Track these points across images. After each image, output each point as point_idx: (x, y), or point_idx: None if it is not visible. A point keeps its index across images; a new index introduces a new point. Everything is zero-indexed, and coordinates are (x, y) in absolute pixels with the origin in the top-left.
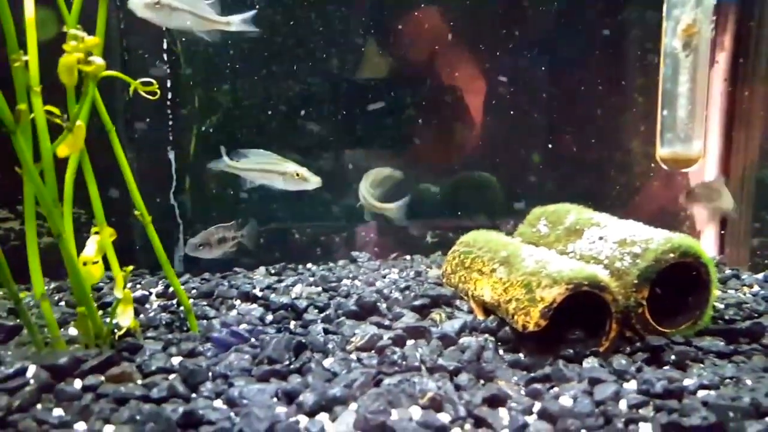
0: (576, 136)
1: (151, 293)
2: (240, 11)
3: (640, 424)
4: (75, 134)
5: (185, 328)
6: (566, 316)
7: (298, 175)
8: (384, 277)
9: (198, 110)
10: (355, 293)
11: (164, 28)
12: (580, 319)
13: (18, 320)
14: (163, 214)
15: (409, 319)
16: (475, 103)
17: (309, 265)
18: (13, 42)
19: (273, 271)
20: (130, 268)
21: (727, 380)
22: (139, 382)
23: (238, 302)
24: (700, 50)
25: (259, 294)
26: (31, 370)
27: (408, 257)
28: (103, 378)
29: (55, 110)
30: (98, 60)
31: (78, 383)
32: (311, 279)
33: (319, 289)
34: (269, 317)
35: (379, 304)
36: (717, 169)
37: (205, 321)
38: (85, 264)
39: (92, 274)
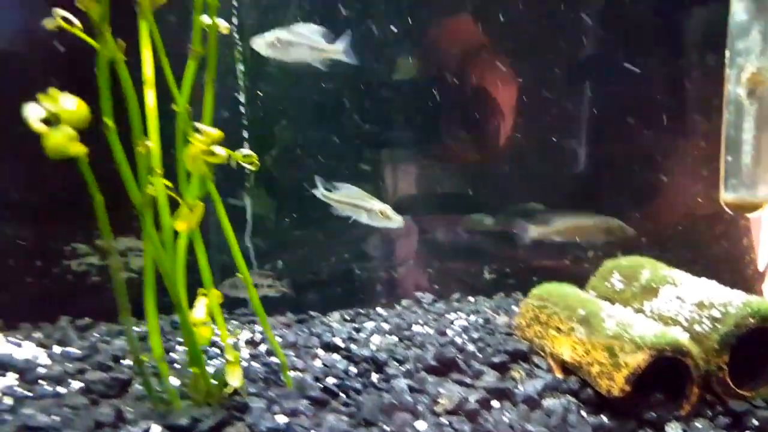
0: (634, 179)
1: (238, 339)
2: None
3: None
4: (195, 212)
5: (280, 383)
6: (647, 377)
7: (382, 213)
8: (452, 322)
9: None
10: (430, 343)
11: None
12: (661, 381)
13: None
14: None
15: (490, 377)
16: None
17: (379, 310)
18: (138, 130)
19: (348, 318)
20: (239, 332)
21: None
22: None
23: (320, 351)
24: (765, 98)
25: (341, 345)
26: (155, 429)
27: (471, 299)
28: None
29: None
30: (221, 151)
31: None
32: (386, 326)
33: (396, 339)
34: (353, 369)
35: (457, 359)
36: None
37: (292, 371)
38: (194, 326)
39: (202, 335)
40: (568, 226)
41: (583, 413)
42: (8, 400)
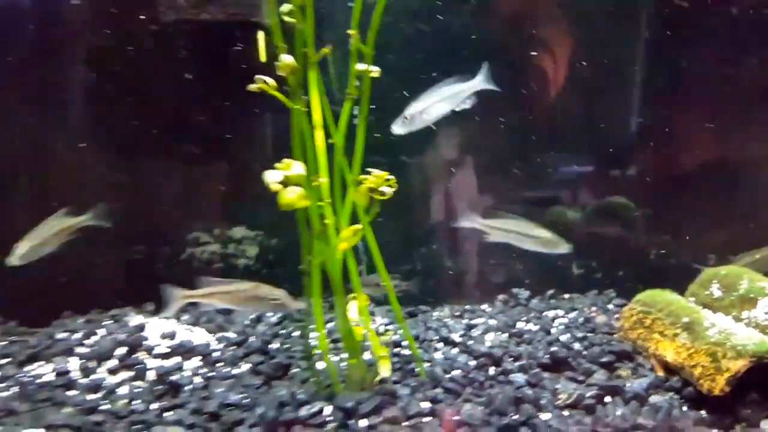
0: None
1: (389, 337)
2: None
3: None
4: (357, 236)
5: (415, 373)
6: (743, 379)
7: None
8: (553, 320)
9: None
10: (538, 341)
11: None
12: (754, 380)
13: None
14: None
15: (600, 375)
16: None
17: (484, 307)
18: (312, 168)
19: (457, 313)
20: (391, 332)
21: None
22: (404, 423)
23: (440, 345)
24: None
25: (458, 340)
26: (327, 409)
27: (566, 296)
28: (380, 419)
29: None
30: (388, 190)
31: (364, 422)
32: (493, 323)
33: (506, 336)
34: (472, 363)
35: (568, 357)
36: None
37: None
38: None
39: (357, 332)
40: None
41: (685, 408)
42: (198, 380)
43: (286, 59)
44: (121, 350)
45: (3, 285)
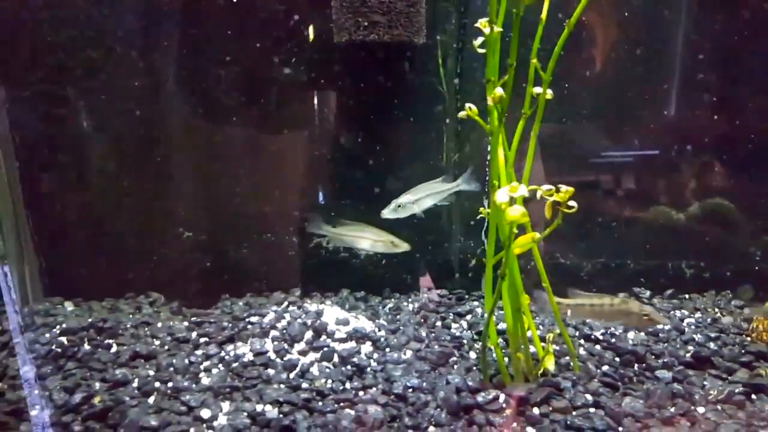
0: None
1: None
2: None
3: None
4: (534, 243)
5: (570, 367)
6: None
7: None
8: (683, 320)
9: None
10: (673, 340)
11: None
12: None
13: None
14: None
15: (742, 374)
16: None
17: None
18: (495, 180)
19: None
20: (555, 332)
21: None
22: (574, 413)
23: (582, 341)
24: None
25: (600, 337)
26: (501, 396)
27: (687, 296)
28: (550, 408)
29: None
30: (574, 204)
31: (536, 410)
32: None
33: (643, 334)
34: (617, 359)
35: (711, 357)
36: None
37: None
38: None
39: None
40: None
41: None
42: (375, 363)
43: (498, 91)
44: (309, 334)
45: (163, 268)
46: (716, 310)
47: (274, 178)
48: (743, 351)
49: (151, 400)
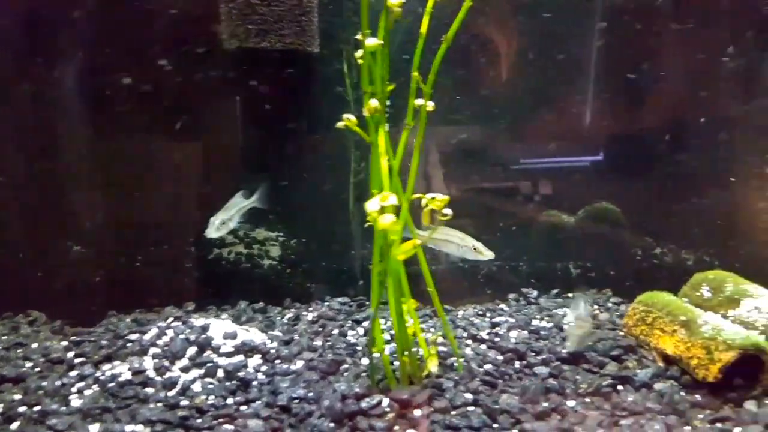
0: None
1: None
2: None
3: None
4: (416, 249)
5: (453, 367)
6: (731, 367)
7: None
8: (562, 317)
9: None
10: (553, 336)
11: None
12: (739, 369)
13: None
14: None
15: (612, 367)
16: None
17: (502, 306)
18: (378, 188)
19: (480, 312)
20: (439, 334)
21: None
22: (453, 412)
23: (470, 342)
24: None
25: (486, 337)
26: (385, 401)
27: (570, 295)
28: (432, 409)
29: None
30: (449, 212)
31: (417, 412)
32: (512, 320)
33: (527, 333)
34: (500, 358)
35: (585, 353)
36: None
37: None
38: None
39: (409, 334)
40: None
41: (683, 393)
42: (262, 376)
43: (373, 103)
44: (192, 350)
45: (47, 284)
46: (595, 307)
47: (170, 188)
48: (615, 345)
49: (14, 426)
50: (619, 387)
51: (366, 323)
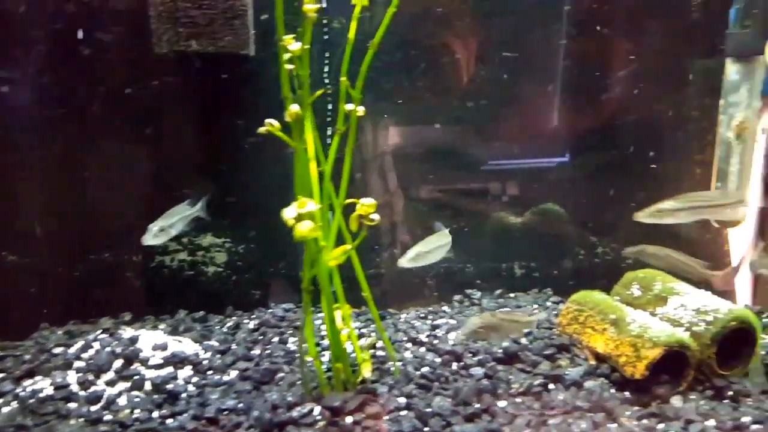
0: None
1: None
2: None
3: None
4: (346, 255)
5: (389, 372)
6: (658, 364)
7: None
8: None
9: None
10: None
11: None
12: (666, 364)
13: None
14: None
15: (545, 366)
16: None
17: (445, 308)
18: (306, 194)
19: (422, 315)
20: (375, 339)
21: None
22: (386, 417)
23: (409, 345)
24: (748, 141)
25: (425, 340)
26: (316, 409)
27: (512, 295)
28: (364, 415)
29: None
30: (376, 217)
31: (349, 419)
32: (453, 322)
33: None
34: (437, 360)
35: (519, 353)
36: (756, 225)
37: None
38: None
39: (342, 339)
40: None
41: (613, 391)
42: (192, 388)
43: (294, 108)
44: (119, 362)
45: None
46: (535, 306)
47: (110, 195)
48: (549, 344)
49: None
50: (551, 386)
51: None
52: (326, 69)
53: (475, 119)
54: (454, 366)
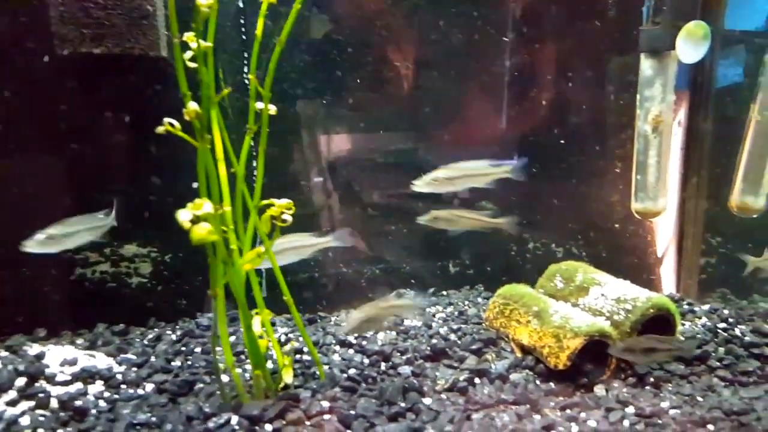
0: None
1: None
2: None
3: None
4: (261, 258)
5: (315, 376)
6: (581, 354)
7: None
8: (434, 315)
9: None
10: (421, 335)
11: None
12: (589, 354)
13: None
14: None
15: (471, 361)
16: None
17: None
18: (216, 197)
19: None
20: (294, 342)
21: (686, 398)
22: (307, 423)
23: (338, 348)
24: (664, 133)
25: (354, 341)
26: (234, 419)
27: (444, 293)
28: (284, 422)
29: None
30: (288, 218)
31: (269, 427)
32: (384, 323)
33: (395, 333)
34: (366, 361)
35: (445, 347)
36: (677, 214)
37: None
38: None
39: (262, 345)
40: None
41: (538, 382)
42: (103, 403)
43: (192, 106)
44: (22, 380)
45: None
46: (465, 303)
47: (24, 205)
48: (476, 339)
49: None
50: (476, 380)
51: (233, 338)
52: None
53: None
54: (383, 366)
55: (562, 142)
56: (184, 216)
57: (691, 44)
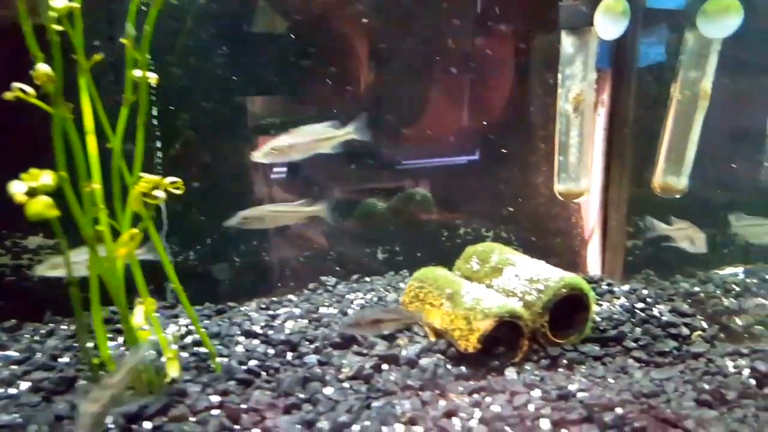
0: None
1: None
2: None
3: (541, 420)
4: (135, 240)
5: (210, 369)
6: (493, 336)
7: None
8: (352, 302)
9: None
10: (334, 323)
11: None
12: (502, 336)
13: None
14: None
15: (381, 346)
16: None
17: (291, 297)
18: (83, 174)
19: (263, 306)
20: (177, 334)
21: (598, 380)
22: (192, 419)
23: (242, 338)
24: (586, 113)
25: (260, 331)
26: (109, 417)
27: (368, 279)
28: (165, 419)
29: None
30: (161, 195)
31: (148, 425)
32: (297, 311)
33: (306, 321)
34: (270, 351)
35: (357, 335)
36: (600, 197)
37: (219, 358)
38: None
39: (143, 338)
40: None
41: (449, 366)
42: None
43: (42, 68)
44: None
45: None
46: (387, 288)
47: None
48: None
49: None
50: (384, 367)
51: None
52: None
53: None
54: (289, 356)
55: (485, 124)
56: (17, 188)
57: (610, 20)
